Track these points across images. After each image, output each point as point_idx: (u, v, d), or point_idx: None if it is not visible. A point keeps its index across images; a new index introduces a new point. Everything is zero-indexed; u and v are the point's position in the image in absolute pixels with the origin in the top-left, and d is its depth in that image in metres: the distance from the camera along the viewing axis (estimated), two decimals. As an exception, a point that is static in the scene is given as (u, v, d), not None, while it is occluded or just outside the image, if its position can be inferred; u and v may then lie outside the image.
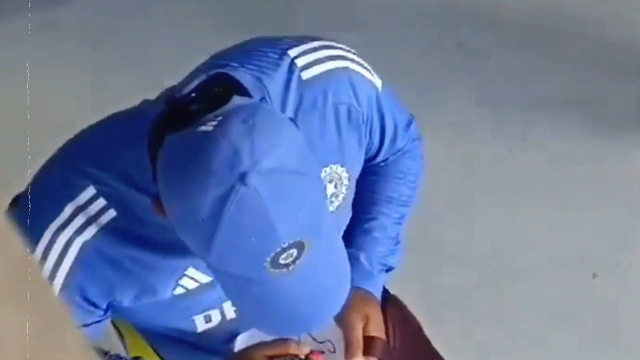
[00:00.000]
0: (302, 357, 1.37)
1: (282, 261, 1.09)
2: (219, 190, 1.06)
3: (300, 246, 1.09)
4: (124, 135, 1.28)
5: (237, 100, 1.16)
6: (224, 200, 1.06)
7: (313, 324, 1.21)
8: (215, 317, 1.42)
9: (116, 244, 1.27)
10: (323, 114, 1.33)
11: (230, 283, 1.16)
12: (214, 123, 1.11)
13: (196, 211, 1.08)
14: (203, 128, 1.11)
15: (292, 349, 1.39)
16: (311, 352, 1.40)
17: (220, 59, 1.34)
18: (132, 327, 1.52)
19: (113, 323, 1.54)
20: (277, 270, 1.09)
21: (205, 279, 1.34)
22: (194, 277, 1.34)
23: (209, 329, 1.43)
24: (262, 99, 1.25)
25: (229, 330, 1.45)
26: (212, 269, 1.16)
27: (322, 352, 1.44)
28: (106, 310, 1.34)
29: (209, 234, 1.08)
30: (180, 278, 1.34)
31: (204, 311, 1.40)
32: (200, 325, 1.42)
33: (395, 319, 1.54)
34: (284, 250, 1.08)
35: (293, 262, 1.09)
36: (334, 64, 1.35)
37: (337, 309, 1.19)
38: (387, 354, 1.48)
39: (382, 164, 1.52)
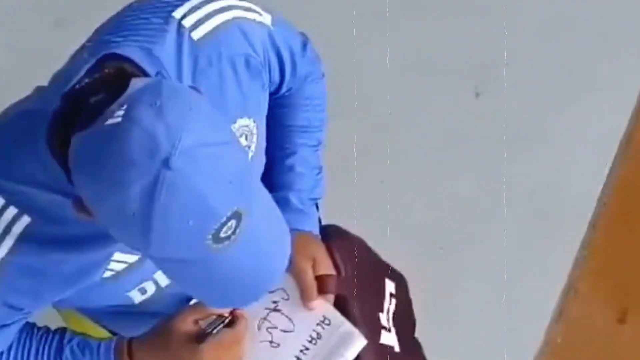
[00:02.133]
0: (226, 315, 1.36)
1: (223, 235, 1.07)
2: (144, 181, 1.03)
3: (237, 215, 1.07)
4: (22, 139, 1.22)
5: (136, 83, 1.12)
6: (151, 190, 1.03)
7: (263, 289, 1.19)
8: (150, 288, 1.40)
9: (36, 252, 1.23)
10: (220, 71, 1.30)
11: (174, 268, 1.14)
12: (121, 113, 1.07)
13: (125, 207, 1.05)
14: (111, 121, 1.07)
15: (215, 309, 1.37)
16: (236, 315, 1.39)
17: (103, 34, 1.28)
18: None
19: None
20: (219, 245, 1.07)
21: (132, 258, 1.33)
22: (121, 260, 1.32)
23: (147, 299, 1.41)
24: (158, 72, 1.21)
25: (170, 294, 1.42)
26: (152, 259, 1.13)
27: None
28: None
29: (144, 228, 1.05)
30: (108, 264, 1.31)
31: (136, 286, 1.39)
32: (137, 297, 1.41)
33: (341, 248, 1.53)
34: (223, 224, 1.06)
35: (233, 232, 1.07)
36: (221, 17, 1.31)
37: (283, 268, 1.18)
38: (341, 285, 1.49)
39: (287, 94, 1.50)
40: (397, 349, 1.53)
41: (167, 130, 1.04)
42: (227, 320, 1.35)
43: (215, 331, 1.34)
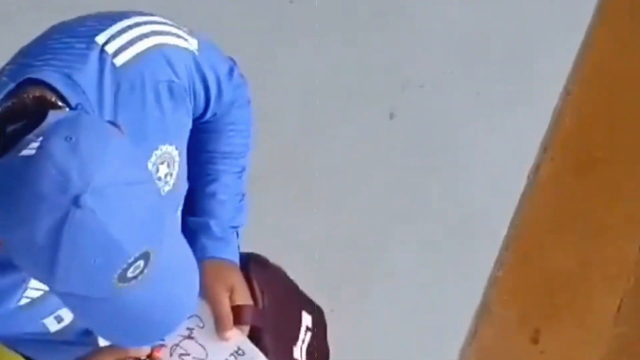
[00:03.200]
0: (144, 358, 1.35)
1: (129, 275, 1.06)
2: (53, 217, 1.03)
3: (146, 256, 1.07)
4: None
5: (55, 114, 1.11)
6: (59, 226, 1.03)
7: (171, 328, 1.18)
8: (67, 316, 1.37)
9: None
10: (143, 98, 1.29)
11: (78, 304, 1.12)
12: (36, 145, 1.06)
13: (33, 240, 1.04)
14: (25, 152, 1.06)
15: (132, 352, 1.36)
16: (152, 351, 1.38)
17: (25, 56, 1.26)
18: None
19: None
20: (125, 285, 1.07)
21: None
22: (37, 287, 1.29)
23: (64, 327, 1.38)
24: (78, 104, 1.20)
25: None
26: (56, 293, 1.12)
27: (163, 346, 1.42)
28: None
29: (49, 261, 1.05)
30: (24, 290, 1.28)
31: (52, 313, 1.35)
32: (52, 326, 1.37)
33: (260, 278, 1.53)
34: (130, 264, 1.06)
35: (141, 272, 1.07)
36: (145, 43, 1.29)
37: (191, 308, 1.19)
38: (257, 317, 1.48)
39: (212, 119, 1.49)
40: None
41: (80, 167, 1.03)
42: None
43: None
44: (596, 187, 2.70)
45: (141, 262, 1.06)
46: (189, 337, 1.45)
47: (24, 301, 1.29)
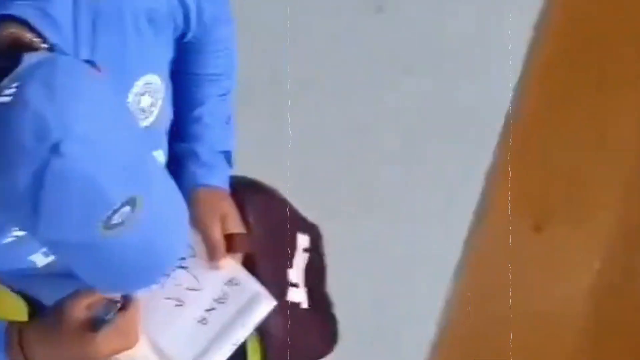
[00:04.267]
0: (118, 299, 1.31)
1: (115, 221, 1.05)
2: (32, 166, 1.01)
3: (132, 202, 1.05)
4: None
5: (30, 57, 1.08)
6: (40, 175, 1.01)
7: (160, 273, 1.18)
8: None
9: None
10: (122, 27, 1.27)
11: (65, 252, 1.12)
12: (12, 91, 1.04)
13: (14, 189, 1.02)
14: (1, 99, 1.04)
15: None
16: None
17: None
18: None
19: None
20: (111, 231, 1.05)
21: None
22: None
23: (52, 262, 1.36)
24: (55, 45, 1.16)
25: None
26: (42, 242, 1.13)
27: None
28: None
29: (31, 212, 1.03)
30: (10, 230, 1.26)
31: (40, 249, 1.34)
32: (40, 261, 1.36)
33: (252, 203, 1.51)
34: (115, 211, 1.04)
35: (127, 218, 1.05)
36: None
37: (181, 252, 1.19)
38: (250, 244, 1.47)
39: (194, 40, 1.45)
40: (305, 304, 1.52)
41: (58, 114, 1.01)
42: (119, 305, 1.30)
43: (108, 317, 1.29)
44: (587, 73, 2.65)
45: (127, 208, 1.04)
46: (181, 266, 1.43)
47: (10, 239, 1.27)
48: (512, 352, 2.45)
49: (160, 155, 1.40)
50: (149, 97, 1.33)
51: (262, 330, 1.44)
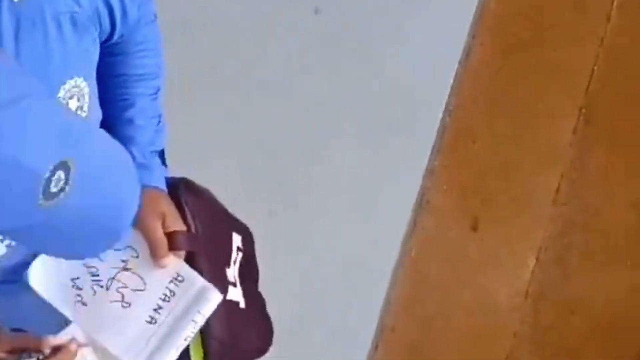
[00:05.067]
0: (47, 352, 1.30)
1: (54, 190, 0.99)
2: None
3: (64, 166, 0.99)
4: None
5: None
6: None
7: (118, 231, 1.12)
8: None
9: None
10: (45, 31, 1.23)
11: (19, 236, 1.08)
12: None
13: None
14: None
15: (32, 344, 1.32)
16: (58, 348, 1.33)
17: None
18: None
19: None
20: (53, 201, 1.00)
21: None
22: None
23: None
24: None
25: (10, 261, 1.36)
26: None
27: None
28: None
29: None
30: None
31: None
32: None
33: (190, 202, 1.50)
34: (49, 181, 0.98)
35: (65, 183, 1.00)
36: None
37: (135, 205, 1.11)
38: (192, 241, 1.46)
39: (120, 41, 1.44)
40: (242, 304, 1.52)
41: None
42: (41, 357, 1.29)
43: None
44: (526, 69, 2.69)
45: (61, 173, 0.99)
46: (125, 268, 1.42)
47: None
48: (450, 349, 2.48)
49: None
50: (77, 100, 1.31)
51: (203, 330, 1.43)
